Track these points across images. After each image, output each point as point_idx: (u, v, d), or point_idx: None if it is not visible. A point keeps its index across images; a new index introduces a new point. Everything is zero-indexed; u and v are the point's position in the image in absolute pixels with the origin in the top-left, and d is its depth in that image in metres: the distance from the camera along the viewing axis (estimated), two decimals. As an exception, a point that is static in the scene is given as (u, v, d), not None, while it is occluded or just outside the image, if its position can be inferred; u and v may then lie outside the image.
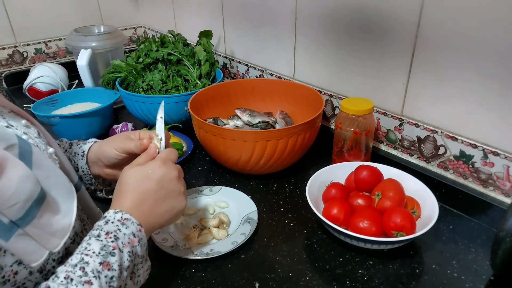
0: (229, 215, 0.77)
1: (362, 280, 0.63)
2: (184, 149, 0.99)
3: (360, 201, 0.72)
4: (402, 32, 0.78)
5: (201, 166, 0.97)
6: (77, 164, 0.68)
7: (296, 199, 0.83)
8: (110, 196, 0.74)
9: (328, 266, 0.66)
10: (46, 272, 0.45)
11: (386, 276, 0.63)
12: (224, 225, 0.74)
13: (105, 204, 0.68)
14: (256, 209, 0.76)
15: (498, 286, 0.62)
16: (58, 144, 0.71)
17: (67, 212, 0.46)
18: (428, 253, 0.68)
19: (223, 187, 0.84)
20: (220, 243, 0.70)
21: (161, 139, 0.63)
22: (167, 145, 0.64)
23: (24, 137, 0.48)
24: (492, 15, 0.64)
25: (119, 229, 0.50)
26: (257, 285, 0.62)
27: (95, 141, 0.71)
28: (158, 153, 0.61)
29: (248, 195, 0.81)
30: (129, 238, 0.50)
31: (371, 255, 0.67)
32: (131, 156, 0.65)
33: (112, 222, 0.50)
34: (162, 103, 0.70)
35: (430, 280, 0.63)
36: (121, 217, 0.51)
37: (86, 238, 0.48)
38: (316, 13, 0.94)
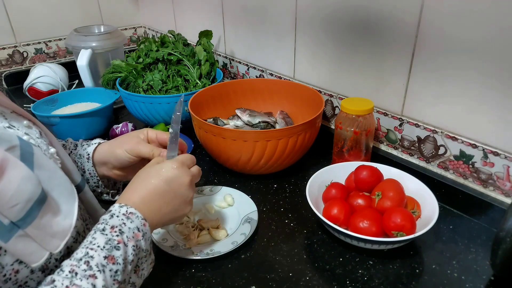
0: (229, 215, 0.77)
1: (362, 280, 0.63)
2: (184, 149, 0.99)
3: (360, 201, 0.72)
4: (402, 32, 0.78)
5: (201, 166, 0.96)
6: (84, 167, 0.68)
7: (296, 199, 0.83)
8: (116, 198, 0.74)
9: (328, 266, 0.66)
10: (49, 271, 0.45)
11: (386, 276, 0.63)
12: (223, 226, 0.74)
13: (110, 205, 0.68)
14: (256, 209, 0.76)
15: (498, 286, 0.62)
16: (64, 145, 0.71)
17: (68, 213, 0.46)
18: (428, 253, 0.68)
19: (223, 187, 0.84)
20: (220, 243, 0.70)
21: (175, 133, 0.62)
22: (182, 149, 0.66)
23: (25, 137, 0.48)
24: (492, 15, 0.64)
25: (124, 223, 0.50)
26: (254, 288, 0.62)
27: (100, 143, 0.70)
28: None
29: (248, 195, 0.81)
30: (133, 232, 0.50)
31: (371, 255, 0.67)
32: (143, 159, 0.66)
33: (117, 216, 0.50)
34: (182, 98, 0.67)
35: (430, 280, 0.63)
36: (126, 211, 0.51)
37: (91, 232, 0.48)
38: (316, 13, 0.94)
